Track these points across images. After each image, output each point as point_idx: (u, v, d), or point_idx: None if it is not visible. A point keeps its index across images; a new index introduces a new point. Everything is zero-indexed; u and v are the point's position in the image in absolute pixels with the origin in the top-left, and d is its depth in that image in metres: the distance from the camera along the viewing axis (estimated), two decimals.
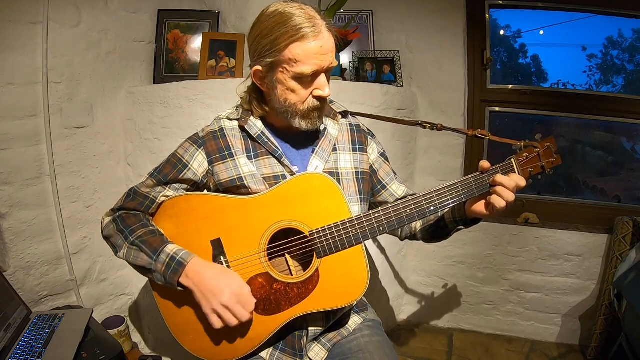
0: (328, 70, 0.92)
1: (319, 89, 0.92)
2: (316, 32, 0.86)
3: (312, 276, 0.93)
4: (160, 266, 0.90)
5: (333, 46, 0.90)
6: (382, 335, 1.10)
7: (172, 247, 0.92)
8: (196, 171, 1.01)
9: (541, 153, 0.92)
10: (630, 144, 2.18)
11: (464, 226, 1.01)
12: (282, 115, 0.97)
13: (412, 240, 1.15)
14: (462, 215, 0.99)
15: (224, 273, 0.91)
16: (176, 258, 0.90)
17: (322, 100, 0.94)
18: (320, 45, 0.87)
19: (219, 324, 0.89)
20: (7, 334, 1.17)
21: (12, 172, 1.50)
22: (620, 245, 1.83)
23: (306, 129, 0.96)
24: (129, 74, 1.80)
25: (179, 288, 0.91)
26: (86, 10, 1.61)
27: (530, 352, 2.03)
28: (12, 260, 1.51)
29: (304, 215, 0.93)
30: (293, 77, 0.89)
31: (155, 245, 0.92)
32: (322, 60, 0.88)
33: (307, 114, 0.94)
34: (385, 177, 1.13)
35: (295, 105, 0.93)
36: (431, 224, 1.07)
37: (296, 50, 0.86)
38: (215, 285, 0.88)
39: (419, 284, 2.29)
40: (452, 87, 2.12)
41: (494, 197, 0.89)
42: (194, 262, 0.90)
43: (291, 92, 0.91)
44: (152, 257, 0.91)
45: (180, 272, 0.89)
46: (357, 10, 2.07)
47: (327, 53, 0.88)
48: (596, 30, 2.08)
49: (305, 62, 0.87)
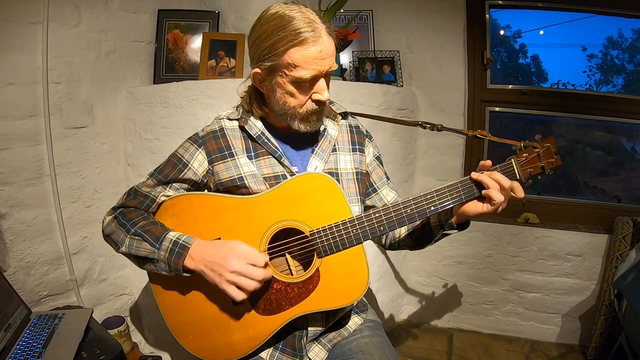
0: (327, 74, 0.92)
1: (317, 92, 0.91)
2: (315, 37, 0.85)
3: (312, 276, 0.93)
4: (164, 253, 0.90)
5: (333, 50, 0.90)
6: (382, 336, 1.10)
7: (174, 233, 0.92)
8: (196, 171, 1.01)
9: (541, 153, 0.92)
10: (630, 144, 2.18)
11: (451, 230, 0.98)
12: (281, 117, 0.97)
13: (396, 248, 1.13)
14: (448, 218, 0.96)
15: (226, 242, 0.90)
16: (179, 242, 0.90)
17: (320, 104, 0.94)
18: (319, 50, 0.86)
19: (240, 294, 0.86)
20: (7, 334, 1.17)
21: (12, 172, 1.50)
22: (620, 245, 1.83)
23: (305, 131, 0.96)
24: (129, 74, 1.80)
25: (184, 274, 0.90)
26: (86, 10, 1.61)
27: (530, 352, 2.03)
28: (12, 260, 1.51)
29: (305, 215, 0.93)
30: (292, 82, 0.89)
31: (157, 233, 0.92)
32: (321, 65, 0.87)
33: (306, 117, 0.94)
34: (378, 180, 1.13)
35: (294, 109, 0.93)
36: (416, 229, 1.05)
37: (295, 55, 0.85)
38: (219, 255, 0.87)
39: (419, 283, 2.29)
40: (452, 87, 2.13)
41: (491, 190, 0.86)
42: (197, 243, 0.90)
43: (290, 96, 0.91)
44: (155, 245, 0.90)
45: (184, 255, 0.89)
46: (357, 10, 2.07)
47: (326, 57, 0.88)
48: (596, 30, 2.08)
49: (304, 67, 0.86)
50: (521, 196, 0.89)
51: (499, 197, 0.86)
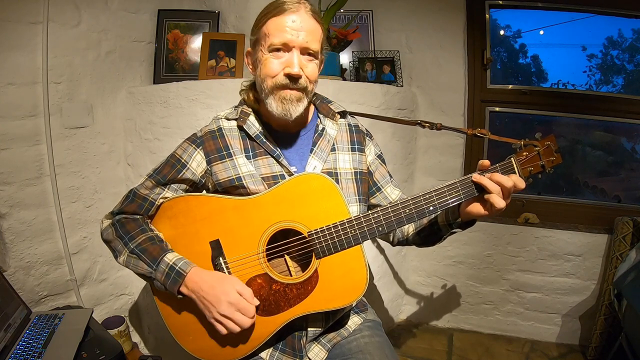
0: (303, 50, 0.92)
1: (288, 66, 0.91)
2: (294, 9, 0.90)
3: (311, 277, 0.93)
4: (160, 275, 0.92)
5: (312, 29, 0.92)
6: (382, 336, 1.10)
7: (171, 257, 0.93)
8: (195, 171, 1.01)
9: (541, 152, 0.91)
10: (630, 144, 2.18)
11: (459, 229, 0.99)
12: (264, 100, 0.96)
13: (404, 245, 1.14)
14: (456, 217, 0.97)
15: (222, 281, 0.91)
16: (175, 268, 0.91)
17: (292, 79, 0.92)
18: (293, 19, 0.89)
19: (223, 331, 0.90)
20: (7, 334, 1.17)
21: (12, 172, 1.50)
22: (620, 245, 1.83)
23: (279, 114, 0.94)
24: (129, 74, 1.80)
25: (179, 296, 0.92)
26: (86, 10, 1.61)
27: (530, 352, 2.03)
28: (12, 260, 1.51)
29: (303, 215, 0.93)
30: (267, 51, 0.92)
31: (154, 254, 0.93)
32: (293, 35, 0.90)
33: (275, 91, 0.93)
34: (381, 179, 1.13)
35: (266, 80, 0.94)
36: (424, 227, 1.05)
37: (271, 25, 0.91)
38: (213, 295, 0.89)
39: (418, 284, 2.29)
40: (452, 87, 2.12)
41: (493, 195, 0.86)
42: (192, 272, 0.91)
43: (264, 67, 0.93)
44: (152, 267, 0.92)
45: (179, 282, 0.91)
46: (357, 10, 2.07)
47: (300, 30, 0.90)
48: (596, 30, 2.08)
49: (276, 34, 0.90)
50: (522, 187, 0.88)
51: (500, 204, 0.86)
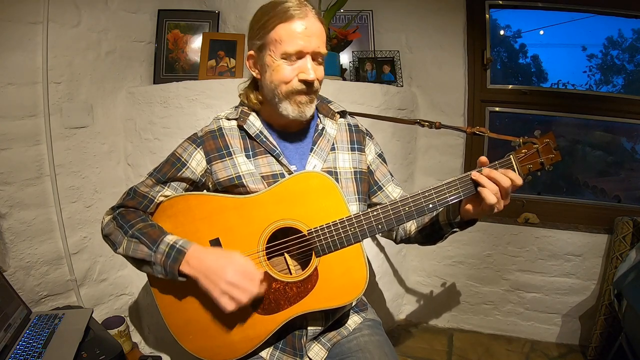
0: (315, 55, 0.93)
1: (303, 72, 0.92)
2: (302, 15, 0.90)
3: (310, 275, 0.93)
4: (160, 256, 0.90)
5: (320, 33, 0.92)
6: (381, 335, 1.10)
7: (171, 237, 0.93)
8: (194, 170, 1.01)
9: (540, 149, 0.91)
10: (630, 144, 2.18)
11: (459, 228, 0.99)
12: (272, 103, 0.97)
13: (407, 243, 1.14)
14: (456, 216, 0.97)
15: (225, 253, 0.91)
16: (175, 246, 0.90)
17: (307, 85, 0.94)
18: (304, 26, 0.90)
19: (230, 305, 0.86)
20: (7, 334, 1.17)
21: (12, 172, 1.50)
22: (620, 245, 1.83)
23: (294, 117, 0.96)
24: (129, 74, 1.80)
25: (180, 278, 0.90)
26: (86, 10, 1.61)
27: (530, 352, 2.03)
28: (12, 260, 1.51)
29: (303, 214, 0.93)
30: (279, 58, 0.92)
31: (154, 236, 0.92)
32: (306, 41, 0.90)
33: (291, 96, 0.94)
34: (382, 178, 1.13)
35: (280, 87, 0.94)
36: (425, 226, 1.05)
37: (281, 31, 0.90)
38: (217, 265, 0.88)
39: (418, 283, 2.29)
40: (452, 87, 2.12)
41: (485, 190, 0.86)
42: (194, 249, 0.90)
43: (277, 73, 0.93)
44: (152, 248, 0.91)
45: (180, 260, 0.89)
46: (357, 10, 2.07)
47: (311, 36, 0.90)
48: (596, 30, 2.08)
49: (289, 42, 0.90)
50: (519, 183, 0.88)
51: (491, 199, 0.85)
